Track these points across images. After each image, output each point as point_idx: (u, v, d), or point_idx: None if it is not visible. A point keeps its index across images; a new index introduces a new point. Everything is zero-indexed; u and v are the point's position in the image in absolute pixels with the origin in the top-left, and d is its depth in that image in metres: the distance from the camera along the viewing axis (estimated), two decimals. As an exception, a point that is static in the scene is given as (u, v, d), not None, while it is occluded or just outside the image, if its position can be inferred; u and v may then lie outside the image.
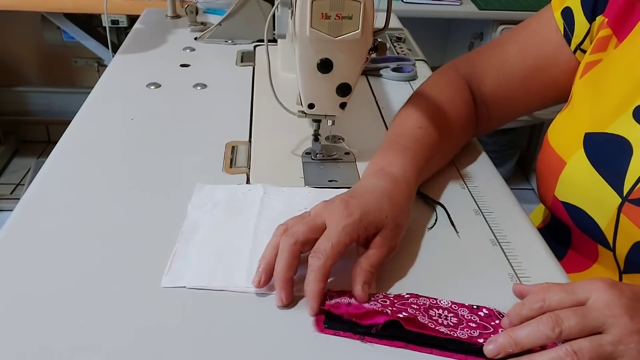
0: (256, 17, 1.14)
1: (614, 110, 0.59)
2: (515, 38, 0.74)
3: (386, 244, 0.54)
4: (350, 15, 0.59)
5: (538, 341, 0.44)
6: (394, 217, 0.56)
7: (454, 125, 0.71)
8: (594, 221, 0.59)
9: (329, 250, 0.50)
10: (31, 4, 1.71)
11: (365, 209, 0.54)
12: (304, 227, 0.52)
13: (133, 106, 0.87)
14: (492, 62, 0.75)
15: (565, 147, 0.63)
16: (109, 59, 1.31)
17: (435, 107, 0.70)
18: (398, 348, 0.48)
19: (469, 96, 0.75)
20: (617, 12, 0.62)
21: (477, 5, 1.80)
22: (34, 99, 2.32)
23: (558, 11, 0.69)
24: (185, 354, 0.47)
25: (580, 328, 0.43)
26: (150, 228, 0.61)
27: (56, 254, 0.57)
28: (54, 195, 0.66)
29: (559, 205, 0.63)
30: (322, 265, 0.50)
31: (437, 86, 0.74)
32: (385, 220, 0.55)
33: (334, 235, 0.51)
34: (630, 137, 0.57)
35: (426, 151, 0.65)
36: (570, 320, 0.44)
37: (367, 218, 0.53)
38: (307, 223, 0.53)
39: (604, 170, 0.58)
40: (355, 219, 0.52)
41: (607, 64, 0.63)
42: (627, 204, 0.56)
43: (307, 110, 0.68)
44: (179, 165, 0.72)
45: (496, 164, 0.77)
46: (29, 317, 0.49)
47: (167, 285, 0.53)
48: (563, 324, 0.44)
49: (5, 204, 2.07)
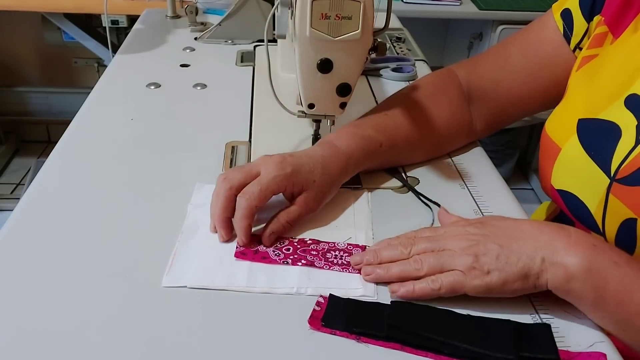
0: (256, 17, 1.14)
1: (607, 98, 0.61)
2: (518, 39, 0.75)
3: (307, 205, 0.61)
4: (350, 15, 0.59)
5: (394, 255, 0.55)
6: (322, 183, 0.62)
7: (436, 120, 0.73)
8: (584, 205, 0.61)
9: (256, 192, 0.57)
10: (31, 4, 1.71)
11: (297, 168, 0.60)
12: (240, 174, 0.59)
13: (133, 106, 0.87)
14: (494, 60, 0.77)
15: (560, 133, 0.64)
16: (109, 59, 1.31)
17: (412, 99, 0.73)
18: (393, 350, 0.48)
19: (456, 93, 0.76)
20: (613, 11, 0.64)
21: (476, 5, 1.80)
22: (34, 99, 2.33)
23: (558, 13, 0.71)
24: (185, 353, 0.47)
25: (426, 248, 0.54)
26: (150, 228, 0.61)
27: (56, 254, 0.57)
28: (54, 195, 0.66)
29: (556, 193, 0.64)
30: (247, 206, 0.57)
31: (421, 83, 0.76)
32: (313, 184, 0.61)
33: (264, 181, 0.58)
34: (619, 122, 0.59)
35: (382, 136, 0.68)
36: (421, 243, 0.55)
37: (297, 176, 0.60)
38: (243, 171, 0.59)
39: (595, 154, 0.60)
40: (286, 173, 0.59)
41: (603, 58, 0.65)
42: (615, 183, 0.57)
43: (307, 110, 0.68)
44: (179, 165, 0.73)
45: (496, 164, 0.77)
46: (29, 317, 0.50)
47: (168, 285, 0.53)
48: (414, 246, 0.55)
49: (5, 204, 2.07)
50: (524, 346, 0.48)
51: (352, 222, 0.63)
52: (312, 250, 0.58)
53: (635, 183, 0.55)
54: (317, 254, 0.58)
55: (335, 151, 0.64)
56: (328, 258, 0.57)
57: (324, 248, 0.59)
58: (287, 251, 0.58)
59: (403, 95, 0.75)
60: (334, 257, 0.57)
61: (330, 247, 0.59)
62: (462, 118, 0.76)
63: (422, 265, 0.53)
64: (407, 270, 0.53)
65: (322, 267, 0.56)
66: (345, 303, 0.52)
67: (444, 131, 0.74)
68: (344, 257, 0.57)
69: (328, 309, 0.51)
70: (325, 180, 0.62)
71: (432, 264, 0.53)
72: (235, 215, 0.58)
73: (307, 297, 0.53)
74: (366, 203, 0.67)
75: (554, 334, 0.49)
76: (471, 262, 0.51)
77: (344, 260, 0.57)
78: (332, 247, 0.59)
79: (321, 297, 0.53)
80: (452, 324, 0.50)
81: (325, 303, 0.52)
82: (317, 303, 0.52)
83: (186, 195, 0.66)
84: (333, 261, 0.57)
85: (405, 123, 0.70)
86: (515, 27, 1.76)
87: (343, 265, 0.56)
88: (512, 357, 0.46)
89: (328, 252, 0.58)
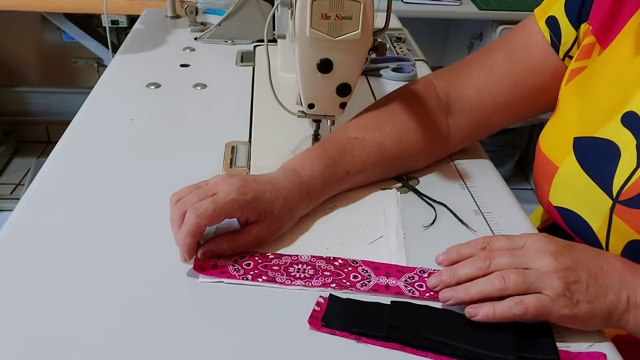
0: (256, 17, 1.14)
1: (602, 116, 0.60)
2: (502, 46, 0.72)
3: (258, 236, 0.57)
4: (350, 15, 0.59)
5: (472, 272, 0.51)
6: (279, 217, 0.58)
7: (411, 137, 0.69)
8: (586, 223, 0.60)
9: (209, 211, 0.53)
10: (31, 4, 1.71)
11: (259, 195, 0.56)
12: (194, 198, 0.55)
13: (133, 106, 0.87)
14: (479, 68, 0.73)
15: (556, 152, 0.63)
16: (109, 59, 1.31)
17: (387, 116, 0.69)
18: (393, 350, 0.48)
19: (432, 106, 0.71)
20: (600, 20, 0.63)
21: (476, 5, 1.80)
22: (34, 99, 2.32)
23: (542, 20, 0.69)
24: (185, 352, 0.47)
25: (509, 263, 0.50)
26: (150, 228, 0.61)
27: (56, 254, 0.57)
28: (54, 195, 0.66)
29: (553, 210, 0.64)
30: (196, 223, 0.53)
31: (398, 98, 0.72)
32: (270, 216, 0.57)
33: (220, 202, 0.54)
34: (617, 141, 0.58)
35: (350, 162, 0.65)
36: (502, 257, 0.51)
37: (256, 203, 0.56)
38: (198, 193, 0.55)
39: (594, 174, 0.59)
40: (246, 199, 0.55)
41: (592, 71, 0.63)
42: (619, 205, 0.56)
43: (307, 110, 0.68)
44: (179, 165, 0.73)
45: (496, 164, 0.77)
46: (30, 317, 0.50)
47: (205, 281, 0.54)
48: (494, 260, 0.50)
49: (5, 204, 2.07)
50: (524, 346, 0.48)
51: (383, 222, 0.63)
52: (274, 265, 0.56)
53: (639, 205, 0.54)
54: (279, 269, 0.55)
55: (299, 182, 0.61)
56: (290, 272, 0.55)
57: (286, 262, 0.56)
58: (248, 266, 0.56)
59: (378, 112, 0.70)
60: (297, 271, 0.55)
61: (293, 261, 0.57)
62: (438, 132, 0.72)
63: (507, 285, 0.48)
64: (489, 290, 0.49)
65: (284, 283, 0.54)
66: (345, 303, 0.52)
67: (419, 148, 0.70)
68: (307, 270, 0.55)
69: (328, 309, 0.51)
70: (283, 212, 0.59)
71: (517, 283, 0.48)
72: (181, 229, 0.54)
73: (307, 297, 0.53)
74: (396, 202, 0.66)
75: (553, 334, 0.49)
76: (562, 289, 0.47)
77: (306, 273, 0.55)
78: (295, 261, 0.57)
79: (321, 297, 0.53)
80: (452, 324, 0.50)
81: (325, 303, 0.52)
82: (317, 303, 0.52)
83: (186, 195, 0.66)
84: (295, 275, 0.55)
85: (375, 145, 0.66)
86: (515, 27, 1.76)
87: (306, 279, 0.54)
88: (512, 357, 0.46)
89: (290, 266, 0.56)
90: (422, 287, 0.54)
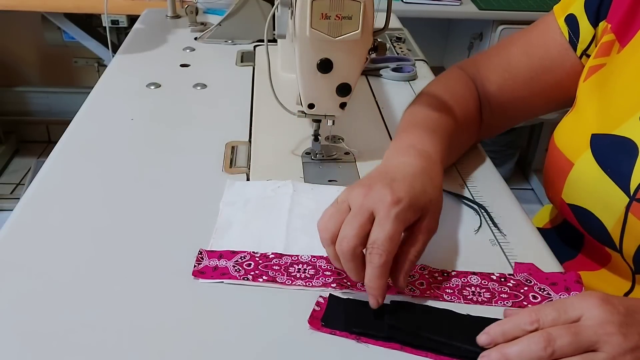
0: (256, 17, 1.14)
1: (621, 114, 0.60)
2: (520, 40, 0.74)
3: (429, 231, 0.53)
4: (350, 15, 0.59)
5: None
6: (437, 200, 0.54)
7: (464, 120, 0.70)
8: (600, 222, 0.60)
9: (387, 244, 0.48)
10: (31, 4, 1.71)
11: (412, 193, 0.51)
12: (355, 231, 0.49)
13: (133, 106, 0.87)
14: (497, 61, 0.75)
15: (573, 148, 0.63)
16: (109, 59, 1.31)
17: (446, 101, 0.69)
18: (393, 350, 0.48)
19: (477, 93, 0.75)
20: (619, 18, 0.63)
21: (476, 5, 1.80)
22: (34, 99, 2.32)
23: (561, 18, 0.70)
24: (184, 351, 0.47)
25: (573, 347, 0.42)
26: (149, 228, 0.61)
27: (56, 254, 0.57)
28: (54, 195, 0.66)
29: (566, 207, 0.64)
30: (383, 263, 0.48)
31: (446, 83, 0.74)
32: (429, 205, 0.53)
33: (388, 226, 0.49)
34: (636, 139, 0.57)
35: (446, 137, 0.64)
36: (563, 338, 0.42)
37: (416, 203, 0.51)
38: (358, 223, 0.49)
39: (611, 171, 0.58)
40: (404, 206, 0.50)
41: (612, 68, 0.63)
42: (635, 203, 0.56)
43: (307, 110, 0.68)
44: (179, 165, 0.73)
45: (496, 164, 0.77)
46: (29, 316, 0.50)
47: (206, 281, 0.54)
48: (556, 343, 0.42)
49: (5, 204, 2.07)
50: None
51: None
52: (275, 265, 0.56)
53: None
54: (280, 269, 0.55)
55: (428, 157, 0.58)
56: (291, 272, 0.55)
57: (286, 262, 0.56)
58: (248, 267, 0.56)
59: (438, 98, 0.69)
60: (297, 271, 0.55)
61: (294, 261, 0.57)
62: (479, 119, 0.75)
63: None
64: None
65: (284, 283, 0.54)
66: (345, 303, 0.52)
67: (471, 130, 0.73)
68: (308, 270, 0.55)
69: (328, 309, 0.51)
70: (437, 194, 0.55)
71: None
72: (369, 273, 0.48)
73: (308, 297, 0.53)
74: None
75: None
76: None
77: (307, 273, 0.55)
78: (296, 261, 0.57)
79: (321, 297, 0.53)
80: (453, 324, 0.50)
81: (325, 303, 0.52)
82: (317, 303, 0.52)
83: (186, 195, 0.66)
84: (296, 275, 0.55)
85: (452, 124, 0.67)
86: (515, 27, 1.76)
87: (306, 279, 0.54)
88: None
89: (291, 266, 0.56)
90: (422, 285, 0.54)
